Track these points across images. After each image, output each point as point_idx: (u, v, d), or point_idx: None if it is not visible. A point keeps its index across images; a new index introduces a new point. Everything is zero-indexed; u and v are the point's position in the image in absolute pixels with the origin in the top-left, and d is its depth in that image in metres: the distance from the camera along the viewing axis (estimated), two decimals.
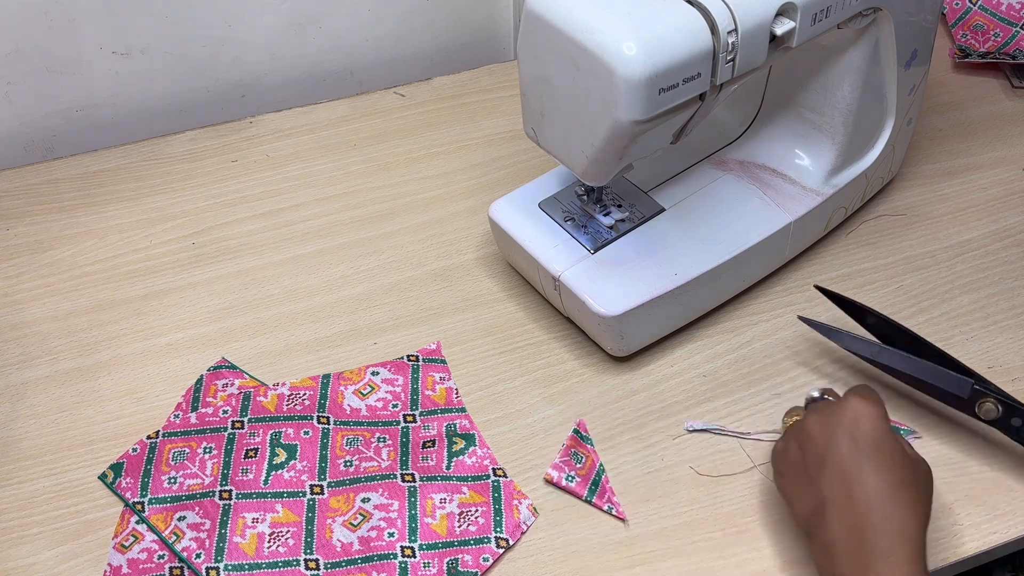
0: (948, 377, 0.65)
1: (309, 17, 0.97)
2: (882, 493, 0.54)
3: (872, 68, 0.73)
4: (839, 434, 0.57)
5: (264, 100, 1.01)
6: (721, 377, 0.73)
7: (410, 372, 0.73)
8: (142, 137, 0.94)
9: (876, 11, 0.69)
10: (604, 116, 0.59)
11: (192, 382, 0.73)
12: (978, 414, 0.65)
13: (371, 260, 0.82)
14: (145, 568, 0.62)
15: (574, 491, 0.67)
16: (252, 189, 0.88)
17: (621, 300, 0.69)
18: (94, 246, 0.83)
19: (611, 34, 0.57)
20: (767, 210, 0.76)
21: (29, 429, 0.70)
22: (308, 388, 0.72)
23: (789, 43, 0.63)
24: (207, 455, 0.68)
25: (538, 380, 0.73)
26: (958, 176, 0.89)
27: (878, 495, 0.54)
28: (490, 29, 1.06)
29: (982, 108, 0.95)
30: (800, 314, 0.72)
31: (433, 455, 0.68)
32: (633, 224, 0.75)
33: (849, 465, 0.56)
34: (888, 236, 0.83)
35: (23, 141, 0.94)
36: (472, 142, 0.93)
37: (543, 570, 0.63)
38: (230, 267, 0.82)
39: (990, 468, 0.68)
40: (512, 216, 0.75)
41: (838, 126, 0.76)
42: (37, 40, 0.88)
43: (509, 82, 0.99)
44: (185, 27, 0.92)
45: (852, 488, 0.55)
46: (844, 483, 0.56)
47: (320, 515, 0.65)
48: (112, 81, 0.93)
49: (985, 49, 1.00)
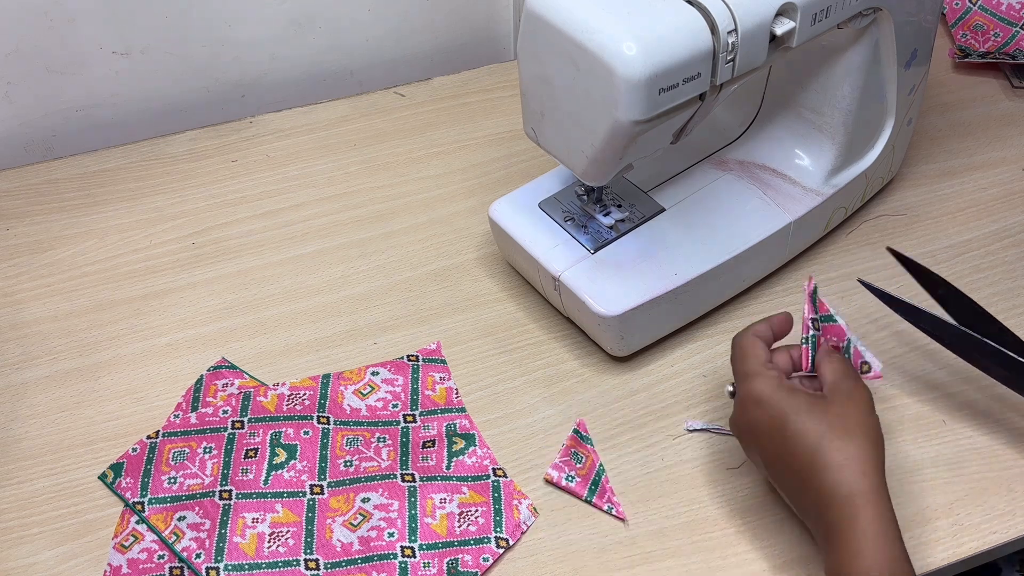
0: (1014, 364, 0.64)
1: (309, 17, 0.97)
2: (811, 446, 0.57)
3: (872, 68, 0.73)
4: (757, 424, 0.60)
5: (264, 100, 1.01)
6: (721, 377, 0.73)
7: (410, 372, 0.73)
8: (142, 137, 0.94)
9: (876, 11, 0.69)
10: (604, 116, 0.59)
11: (192, 382, 0.73)
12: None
13: (371, 260, 0.82)
14: (145, 568, 0.62)
15: (574, 491, 0.67)
16: (252, 189, 0.88)
17: (621, 300, 0.69)
18: (94, 246, 0.83)
19: (611, 34, 0.57)
20: (767, 210, 0.76)
21: (29, 429, 0.70)
22: (308, 388, 0.72)
23: (789, 43, 0.63)
24: (207, 455, 0.68)
25: (538, 380, 0.73)
26: (958, 176, 0.89)
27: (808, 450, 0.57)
28: (490, 29, 1.06)
29: (982, 108, 0.95)
30: (860, 278, 0.69)
31: (433, 455, 0.68)
32: (633, 224, 0.75)
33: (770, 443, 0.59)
34: (888, 236, 0.83)
35: (23, 141, 0.94)
36: (472, 142, 0.93)
37: (543, 570, 0.63)
38: (230, 267, 0.82)
39: (990, 468, 0.68)
40: (512, 216, 0.75)
41: (838, 126, 0.76)
42: (37, 40, 0.88)
43: (509, 82, 0.99)
44: (185, 27, 0.92)
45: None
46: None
47: (320, 515, 0.65)
48: (112, 81, 0.93)
49: (985, 49, 1.00)
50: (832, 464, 0.56)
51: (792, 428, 0.58)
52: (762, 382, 0.60)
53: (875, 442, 0.57)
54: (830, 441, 0.56)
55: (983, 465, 0.68)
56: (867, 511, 0.54)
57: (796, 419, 0.58)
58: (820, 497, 0.56)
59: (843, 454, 0.56)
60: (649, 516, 0.66)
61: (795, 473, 0.58)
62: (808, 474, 0.57)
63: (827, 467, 0.56)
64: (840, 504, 0.55)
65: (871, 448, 0.56)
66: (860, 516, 0.54)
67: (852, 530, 0.54)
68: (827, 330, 0.64)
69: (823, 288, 0.79)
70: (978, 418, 0.70)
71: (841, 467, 0.56)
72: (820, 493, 0.56)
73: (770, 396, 0.59)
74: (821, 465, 0.56)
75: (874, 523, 0.54)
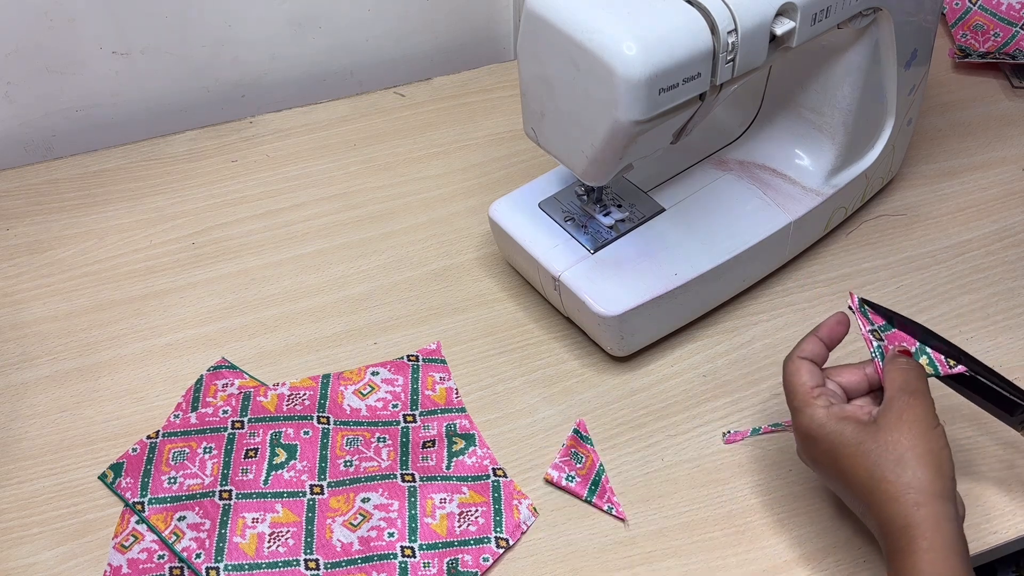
0: (1001, 400, 0.62)
1: (309, 17, 0.97)
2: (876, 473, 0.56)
3: (872, 68, 0.73)
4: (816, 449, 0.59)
5: (264, 100, 1.01)
6: (721, 377, 0.73)
7: (410, 372, 0.73)
8: (142, 137, 0.94)
9: (876, 11, 0.69)
10: (604, 116, 0.59)
11: (192, 382, 0.73)
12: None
13: (371, 260, 0.82)
14: (145, 568, 0.62)
15: (574, 491, 0.67)
16: (252, 189, 0.88)
17: (621, 300, 0.69)
18: (94, 246, 0.83)
19: (611, 34, 0.56)
20: (767, 210, 0.76)
21: (29, 429, 0.70)
22: (308, 388, 0.72)
23: (789, 43, 0.63)
24: (207, 455, 0.68)
25: (538, 380, 0.73)
26: (958, 176, 0.89)
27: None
28: (490, 29, 1.06)
29: (982, 108, 0.95)
30: (855, 291, 0.68)
31: (433, 455, 0.68)
32: (633, 224, 0.75)
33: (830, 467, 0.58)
34: (888, 236, 0.83)
35: (23, 141, 0.94)
36: (472, 142, 0.93)
37: (543, 570, 0.63)
38: (230, 267, 0.82)
39: (990, 468, 0.68)
40: (512, 216, 0.75)
41: (838, 126, 0.76)
42: (37, 40, 0.88)
43: (509, 82, 0.99)
44: (185, 27, 0.92)
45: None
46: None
47: (320, 515, 0.65)
48: (112, 81, 0.93)
49: (985, 49, 1.00)
50: (886, 497, 0.55)
51: (843, 464, 0.56)
52: (807, 417, 0.58)
53: (932, 464, 0.55)
54: (882, 473, 0.55)
55: (983, 465, 0.68)
56: (922, 542, 0.53)
57: (845, 453, 0.56)
58: (879, 527, 0.56)
59: (896, 487, 0.54)
60: (649, 516, 0.66)
61: (857, 501, 0.57)
62: (867, 503, 0.56)
63: (882, 501, 0.55)
64: (896, 535, 0.54)
65: (927, 472, 0.55)
66: (915, 547, 0.53)
67: (907, 560, 0.53)
68: (891, 337, 0.61)
69: (823, 288, 0.79)
70: (978, 418, 0.70)
71: (895, 499, 0.54)
72: (879, 522, 0.56)
73: (818, 430, 0.58)
74: (876, 499, 0.55)
75: (928, 553, 0.53)
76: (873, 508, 0.56)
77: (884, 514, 0.55)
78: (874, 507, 0.55)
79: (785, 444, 0.69)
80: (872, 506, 0.56)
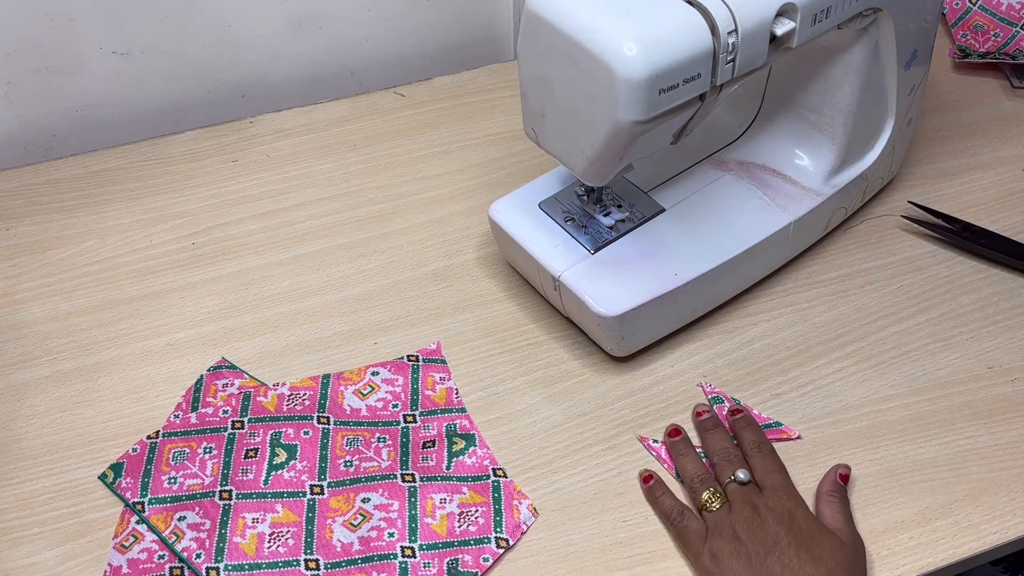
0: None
1: (309, 17, 0.97)
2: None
3: (872, 68, 0.73)
4: (779, 528, 0.61)
5: (264, 100, 1.01)
6: (721, 377, 0.73)
7: (410, 372, 0.73)
8: (142, 137, 0.94)
9: (876, 11, 0.69)
10: (604, 116, 0.59)
11: (192, 382, 0.73)
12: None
13: (371, 260, 0.82)
14: (145, 568, 0.62)
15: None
16: (252, 189, 0.88)
17: (621, 300, 0.69)
18: (94, 246, 0.83)
19: (611, 34, 0.56)
20: (767, 210, 0.76)
21: (29, 429, 0.70)
22: (308, 388, 0.72)
23: (789, 43, 0.63)
24: (207, 455, 0.68)
25: (538, 380, 0.73)
26: (958, 176, 0.89)
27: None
28: (490, 29, 1.06)
29: (982, 108, 0.95)
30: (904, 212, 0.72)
31: (433, 455, 0.68)
32: (633, 224, 0.75)
33: (791, 558, 0.59)
34: (888, 236, 0.84)
35: (23, 141, 0.94)
36: (472, 142, 0.93)
37: (543, 570, 0.63)
38: (230, 267, 0.82)
39: (990, 468, 0.68)
40: (512, 216, 0.75)
41: (838, 126, 0.76)
42: (37, 40, 0.88)
43: (509, 82, 0.99)
44: (185, 27, 0.92)
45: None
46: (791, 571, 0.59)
47: (320, 515, 0.65)
48: (112, 81, 0.93)
49: (985, 49, 1.00)
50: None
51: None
52: (693, 543, 0.63)
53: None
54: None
55: (983, 465, 0.68)
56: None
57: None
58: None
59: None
60: (649, 516, 0.66)
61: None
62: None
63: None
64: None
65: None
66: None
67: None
68: (719, 409, 0.70)
69: (823, 288, 0.79)
70: (978, 418, 0.70)
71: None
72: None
73: (700, 552, 0.62)
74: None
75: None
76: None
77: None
78: None
79: (782, 446, 0.69)
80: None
